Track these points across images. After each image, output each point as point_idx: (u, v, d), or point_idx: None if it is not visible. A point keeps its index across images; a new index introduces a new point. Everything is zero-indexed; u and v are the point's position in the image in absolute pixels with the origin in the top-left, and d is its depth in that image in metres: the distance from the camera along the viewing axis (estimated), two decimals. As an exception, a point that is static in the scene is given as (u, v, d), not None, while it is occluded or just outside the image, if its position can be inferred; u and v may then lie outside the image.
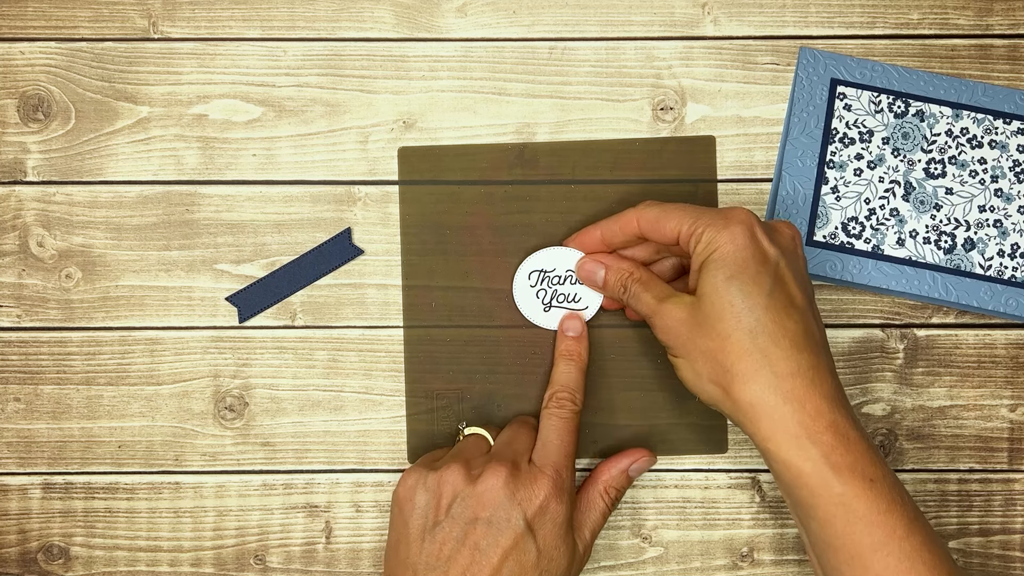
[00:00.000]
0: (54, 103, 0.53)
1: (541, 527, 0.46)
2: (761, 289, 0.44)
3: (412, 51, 0.53)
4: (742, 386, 0.44)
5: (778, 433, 0.43)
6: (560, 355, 0.51)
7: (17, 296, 0.53)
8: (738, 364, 0.44)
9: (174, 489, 0.52)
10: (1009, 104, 0.52)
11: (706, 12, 0.53)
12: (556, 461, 0.47)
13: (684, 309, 0.45)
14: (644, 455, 0.51)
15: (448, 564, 0.45)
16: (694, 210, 0.46)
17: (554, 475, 0.47)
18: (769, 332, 0.43)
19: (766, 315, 0.43)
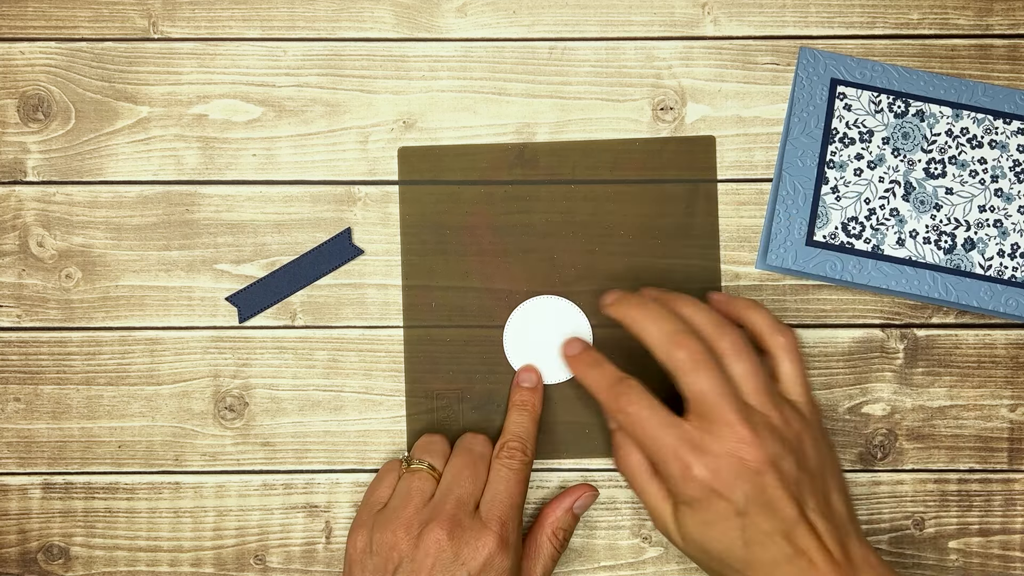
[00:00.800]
0: (54, 103, 0.53)
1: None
2: (734, 540, 0.44)
3: (412, 51, 0.53)
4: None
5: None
6: (514, 404, 0.51)
7: (17, 296, 0.53)
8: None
9: (174, 489, 0.52)
10: (1009, 104, 0.52)
11: (706, 12, 0.53)
12: (502, 514, 0.47)
13: (665, 514, 0.47)
14: (586, 491, 0.51)
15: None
16: (666, 449, 0.45)
17: (499, 529, 0.47)
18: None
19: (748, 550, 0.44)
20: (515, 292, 0.52)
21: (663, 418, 0.45)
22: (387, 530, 0.47)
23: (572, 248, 0.52)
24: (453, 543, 0.46)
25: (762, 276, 0.53)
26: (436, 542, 0.46)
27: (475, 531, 0.46)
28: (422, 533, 0.46)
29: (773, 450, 0.44)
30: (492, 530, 0.47)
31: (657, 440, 0.45)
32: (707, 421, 0.45)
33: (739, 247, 0.53)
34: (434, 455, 0.49)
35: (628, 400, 0.46)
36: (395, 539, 0.46)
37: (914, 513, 0.52)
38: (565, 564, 0.52)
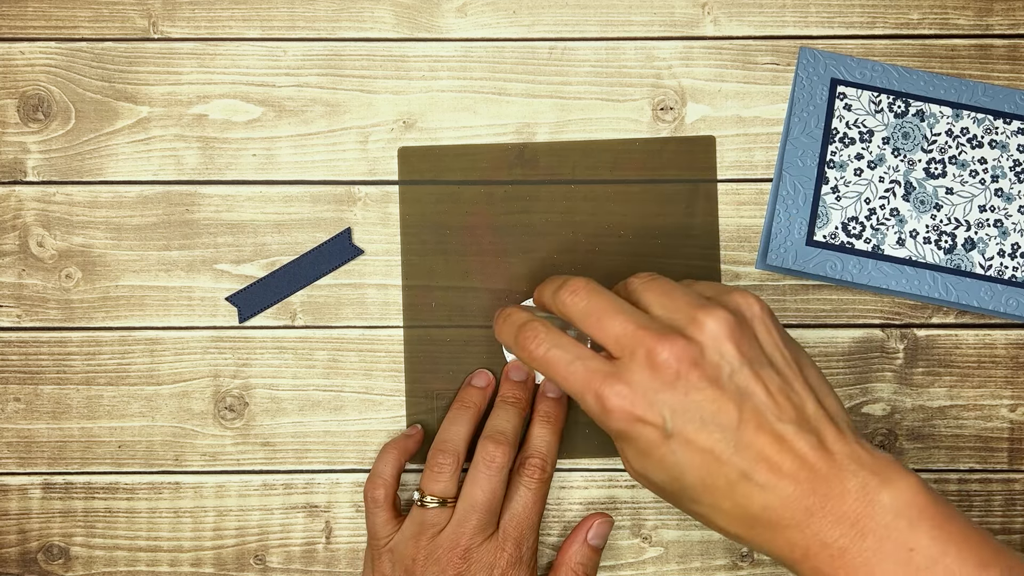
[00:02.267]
0: (54, 103, 0.53)
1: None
2: (696, 468, 0.40)
3: (412, 51, 0.53)
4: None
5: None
6: (538, 416, 0.50)
7: (17, 296, 0.53)
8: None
9: (174, 489, 0.52)
10: (1009, 104, 0.52)
11: (706, 12, 0.53)
12: (518, 534, 0.48)
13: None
14: (598, 519, 0.50)
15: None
16: (576, 381, 0.42)
17: (513, 549, 0.47)
18: (733, 490, 0.40)
19: (718, 478, 0.40)
20: (515, 292, 0.52)
21: (572, 352, 0.42)
22: (406, 555, 0.47)
23: (572, 248, 0.52)
24: (470, 569, 0.46)
25: (762, 276, 0.53)
26: (455, 567, 0.46)
27: (490, 552, 0.47)
28: (440, 559, 0.47)
29: (690, 347, 0.39)
30: (506, 550, 0.47)
31: (569, 378, 0.41)
32: (625, 352, 0.40)
33: (739, 247, 0.53)
34: (446, 473, 0.48)
35: (534, 342, 0.43)
36: (413, 565, 0.47)
37: (914, 513, 0.52)
38: (565, 564, 0.52)
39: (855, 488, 0.38)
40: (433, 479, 0.48)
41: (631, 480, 0.52)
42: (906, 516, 0.37)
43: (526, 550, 0.48)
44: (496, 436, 0.48)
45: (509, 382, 0.51)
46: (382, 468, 0.50)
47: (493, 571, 0.47)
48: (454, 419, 0.50)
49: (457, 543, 0.47)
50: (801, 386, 0.40)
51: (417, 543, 0.47)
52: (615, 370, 0.40)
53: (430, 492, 0.48)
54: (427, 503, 0.48)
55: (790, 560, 0.39)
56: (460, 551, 0.47)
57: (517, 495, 0.48)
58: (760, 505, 0.39)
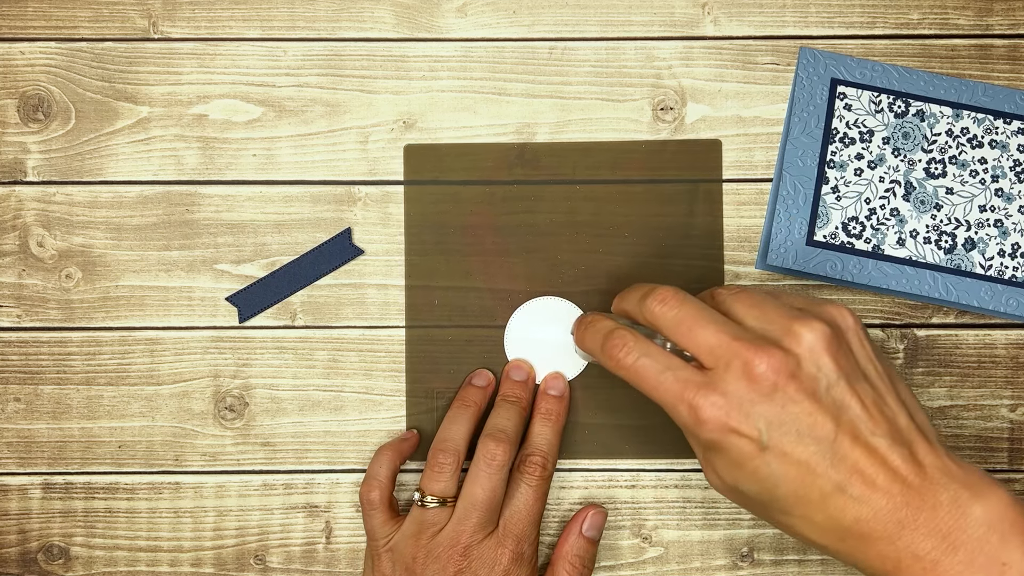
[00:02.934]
0: (54, 103, 0.53)
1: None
2: (800, 481, 0.40)
3: (412, 51, 0.53)
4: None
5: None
6: (539, 414, 0.50)
7: (17, 296, 0.53)
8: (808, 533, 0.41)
9: (174, 489, 0.52)
10: (1009, 104, 0.52)
11: (706, 12, 0.53)
12: (519, 531, 0.48)
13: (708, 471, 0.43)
14: (591, 510, 0.51)
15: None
16: (671, 392, 0.41)
17: (514, 546, 0.47)
18: (824, 505, 0.40)
19: (816, 493, 0.40)
20: (517, 292, 0.52)
21: (663, 362, 0.41)
22: (406, 554, 0.47)
23: (574, 248, 0.53)
24: (471, 566, 0.47)
25: (762, 276, 0.53)
26: (455, 564, 0.47)
27: (491, 549, 0.47)
28: (440, 557, 0.47)
29: (788, 359, 0.39)
30: (507, 547, 0.47)
31: (659, 387, 0.41)
32: (720, 363, 0.40)
33: (739, 247, 0.53)
34: (446, 473, 0.48)
35: (623, 351, 0.42)
36: (413, 563, 0.47)
37: (914, 513, 0.52)
38: (565, 564, 0.52)
39: (947, 501, 0.38)
40: (433, 478, 0.48)
41: (631, 480, 0.52)
42: (998, 530, 0.37)
43: (527, 547, 0.48)
44: (497, 434, 0.48)
45: (510, 381, 0.51)
46: (377, 470, 0.50)
47: (494, 568, 0.47)
48: (454, 418, 0.50)
49: (457, 541, 0.47)
50: (894, 400, 0.40)
51: (417, 542, 0.47)
52: (709, 380, 0.40)
53: (430, 492, 0.48)
54: (427, 503, 0.48)
55: (882, 572, 0.39)
56: (461, 549, 0.47)
57: (518, 492, 0.49)
58: (853, 517, 0.39)
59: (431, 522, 0.47)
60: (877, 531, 0.38)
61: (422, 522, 0.48)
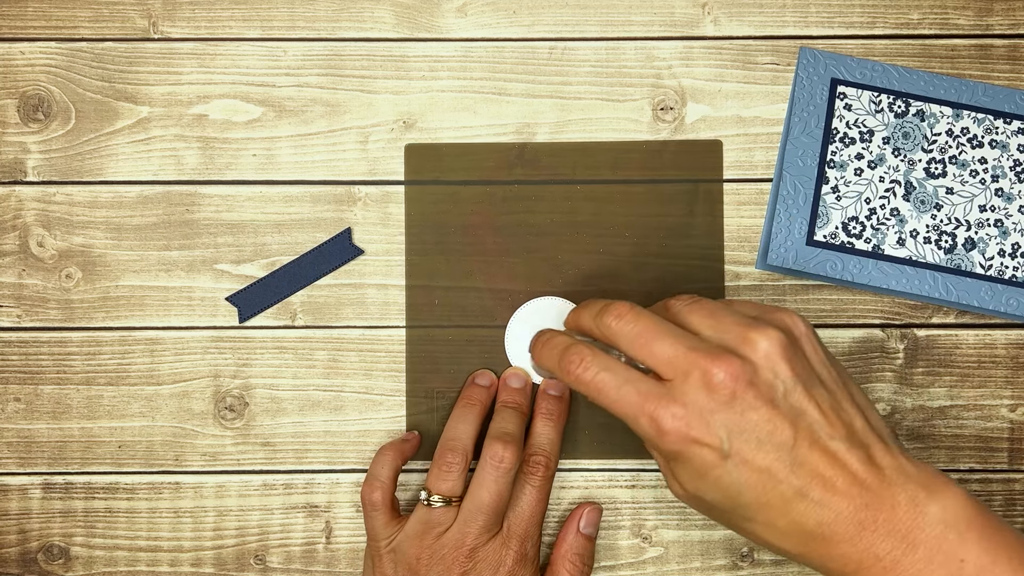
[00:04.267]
0: (54, 103, 0.53)
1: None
2: (751, 487, 0.40)
3: (412, 51, 0.53)
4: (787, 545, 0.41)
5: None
6: (540, 414, 0.51)
7: (17, 296, 0.53)
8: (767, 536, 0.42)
9: (174, 489, 0.52)
10: (1009, 104, 0.52)
11: (706, 12, 0.53)
12: (522, 532, 0.48)
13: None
14: (587, 508, 0.51)
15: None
16: (628, 406, 0.41)
17: (518, 547, 0.48)
18: (780, 509, 0.40)
19: (771, 494, 0.40)
20: (517, 292, 0.52)
21: (621, 375, 0.41)
22: (410, 554, 0.48)
23: (574, 248, 0.53)
24: (475, 568, 0.47)
25: (762, 276, 0.53)
26: (460, 566, 0.47)
27: (496, 551, 0.47)
28: (445, 558, 0.47)
29: (745, 366, 0.39)
30: (512, 549, 0.47)
31: (619, 401, 0.41)
32: (678, 373, 0.40)
33: (739, 247, 0.53)
34: (454, 472, 0.48)
35: (581, 366, 0.42)
36: (416, 564, 0.47)
37: (914, 513, 0.52)
38: (565, 564, 0.52)
39: (904, 501, 0.39)
40: (441, 478, 0.48)
41: (631, 480, 0.52)
42: (955, 528, 0.38)
43: (530, 547, 0.48)
44: (504, 436, 0.48)
45: (508, 388, 0.51)
46: (379, 470, 0.49)
47: (499, 569, 0.47)
48: (461, 417, 0.50)
49: (463, 543, 0.47)
50: (849, 403, 0.41)
51: (421, 542, 0.47)
52: (668, 391, 0.40)
53: (437, 491, 0.48)
54: (433, 502, 0.48)
55: (844, 574, 0.39)
56: (466, 551, 0.47)
57: (522, 493, 0.49)
58: (815, 521, 0.39)
59: (436, 522, 0.47)
60: (839, 534, 0.39)
61: (427, 522, 0.48)
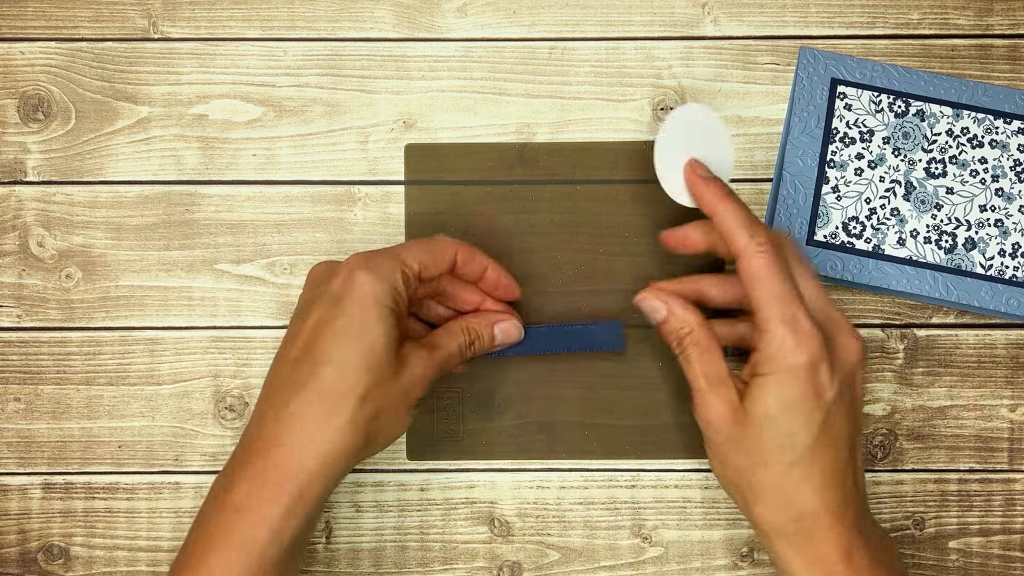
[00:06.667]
0: (54, 103, 0.53)
1: (345, 293, 0.44)
2: (810, 428, 0.44)
3: (412, 51, 0.53)
4: (765, 511, 0.45)
5: (793, 561, 0.45)
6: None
7: (17, 296, 0.53)
8: (767, 491, 0.45)
9: (174, 489, 0.52)
10: (1009, 104, 0.52)
11: (706, 12, 0.53)
12: (382, 252, 0.46)
13: (729, 410, 0.45)
14: (512, 322, 0.49)
15: (281, 349, 0.46)
16: (782, 300, 0.44)
17: (366, 256, 0.45)
18: (805, 470, 0.44)
19: (808, 453, 0.44)
20: (515, 292, 0.52)
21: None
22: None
23: (574, 248, 0.52)
24: (326, 267, 0.46)
25: (762, 276, 0.52)
26: (312, 270, 0.47)
27: (347, 260, 0.45)
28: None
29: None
30: (359, 256, 0.45)
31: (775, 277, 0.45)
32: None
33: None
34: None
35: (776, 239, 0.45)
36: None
37: (914, 513, 0.52)
38: (565, 564, 0.52)
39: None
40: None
41: (631, 480, 0.52)
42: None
43: (381, 258, 0.46)
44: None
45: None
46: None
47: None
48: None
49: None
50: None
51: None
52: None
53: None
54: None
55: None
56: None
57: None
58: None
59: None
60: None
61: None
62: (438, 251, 0.47)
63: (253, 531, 0.42)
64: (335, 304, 0.44)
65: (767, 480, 0.45)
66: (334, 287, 0.44)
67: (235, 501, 0.43)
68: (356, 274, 0.44)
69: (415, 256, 0.46)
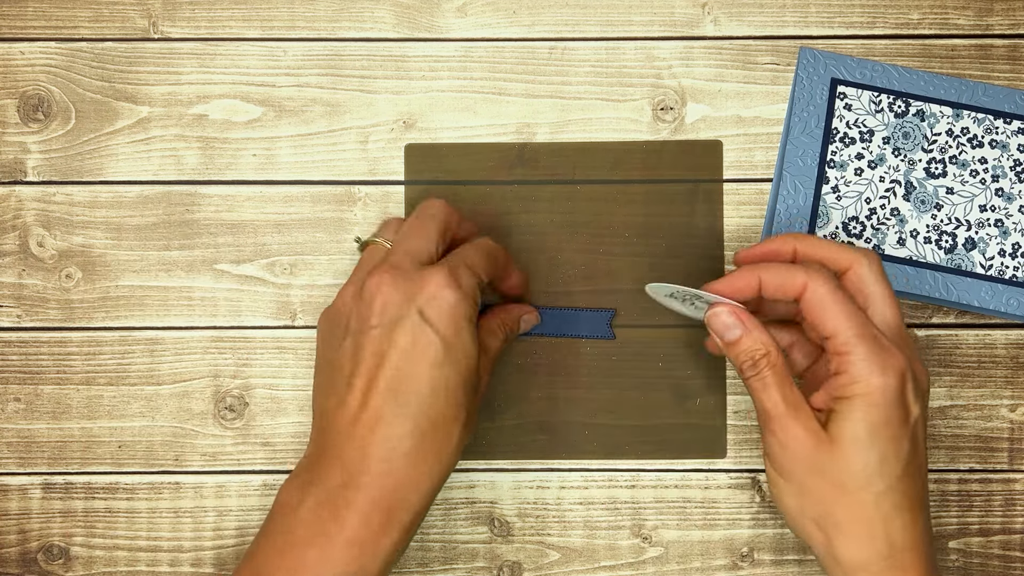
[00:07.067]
0: (54, 103, 0.53)
1: (436, 315, 0.43)
2: (900, 454, 0.42)
3: (412, 51, 0.53)
4: (850, 545, 0.43)
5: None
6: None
7: (17, 296, 0.53)
8: (853, 523, 0.43)
9: (174, 489, 0.52)
10: (1009, 104, 0.52)
11: (706, 12, 0.53)
12: (455, 263, 0.45)
13: (811, 437, 0.43)
14: (532, 310, 0.51)
15: (351, 378, 0.43)
16: (858, 321, 0.43)
17: (448, 270, 0.44)
18: (896, 500, 0.42)
19: (899, 483, 0.42)
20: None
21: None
22: (338, 296, 0.46)
23: (574, 248, 0.53)
24: (397, 284, 0.44)
25: (762, 276, 0.52)
26: (377, 287, 0.44)
27: (420, 273, 0.44)
28: (364, 285, 0.44)
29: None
30: (440, 270, 0.44)
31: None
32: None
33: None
34: (388, 229, 0.48)
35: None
36: (342, 303, 0.45)
37: (914, 513, 0.52)
38: (565, 564, 0.52)
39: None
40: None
41: (631, 480, 0.52)
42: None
43: (463, 276, 0.45)
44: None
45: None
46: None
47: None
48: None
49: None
50: None
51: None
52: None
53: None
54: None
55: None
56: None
57: (469, 245, 0.48)
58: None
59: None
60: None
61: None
62: (495, 257, 0.47)
63: (369, 564, 0.43)
64: (425, 327, 0.43)
65: (854, 512, 0.42)
66: (420, 307, 0.43)
67: (347, 535, 0.42)
68: (444, 292, 0.43)
69: (482, 267, 0.46)
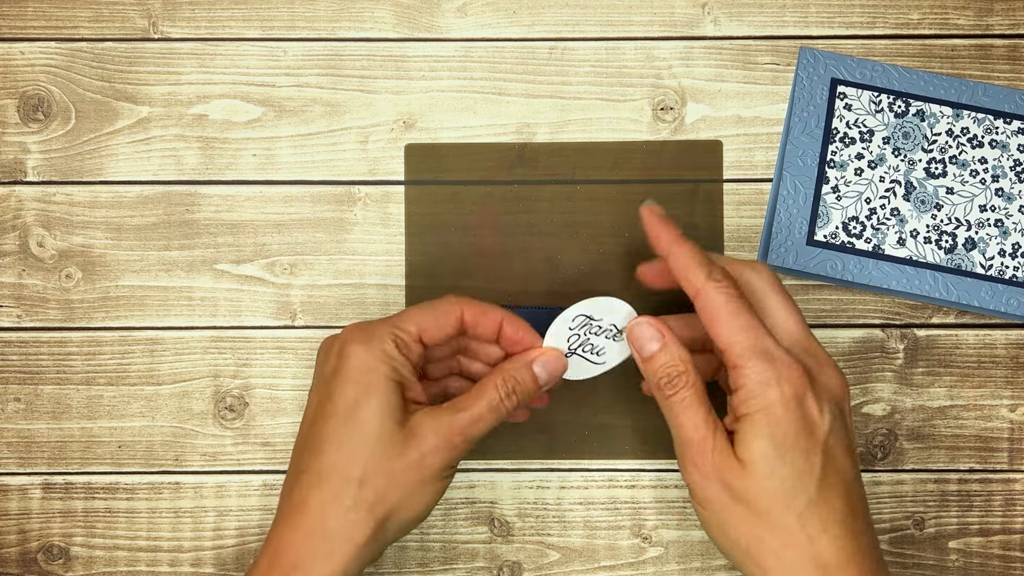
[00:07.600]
0: (54, 103, 0.53)
1: (339, 372, 0.43)
2: (813, 469, 0.41)
3: (412, 51, 0.53)
4: (780, 569, 0.41)
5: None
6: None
7: (17, 296, 0.53)
8: (783, 550, 0.41)
9: (174, 489, 0.52)
10: (1009, 104, 0.52)
11: (706, 12, 0.53)
12: (400, 317, 0.44)
13: (730, 460, 0.41)
14: (553, 353, 0.45)
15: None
16: (752, 333, 0.41)
17: (358, 326, 0.44)
18: (822, 515, 0.41)
19: (818, 496, 0.41)
20: (517, 292, 0.52)
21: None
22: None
23: (574, 248, 0.53)
24: (330, 341, 0.45)
25: (762, 276, 0.52)
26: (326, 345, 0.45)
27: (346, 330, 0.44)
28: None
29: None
30: (354, 324, 0.44)
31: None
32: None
33: (739, 247, 0.53)
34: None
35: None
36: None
37: (914, 513, 0.52)
38: (565, 564, 0.52)
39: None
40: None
41: (631, 480, 0.52)
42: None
43: (376, 326, 0.45)
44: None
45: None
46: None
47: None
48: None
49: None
50: None
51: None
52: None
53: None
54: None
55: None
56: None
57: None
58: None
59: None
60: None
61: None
62: (441, 312, 0.44)
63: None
64: (327, 383, 0.43)
65: (782, 538, 0.41)
66: (327, 366, 0.44)
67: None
68: (346, 348, 0.43)
69: (413, 320, 0.44)
